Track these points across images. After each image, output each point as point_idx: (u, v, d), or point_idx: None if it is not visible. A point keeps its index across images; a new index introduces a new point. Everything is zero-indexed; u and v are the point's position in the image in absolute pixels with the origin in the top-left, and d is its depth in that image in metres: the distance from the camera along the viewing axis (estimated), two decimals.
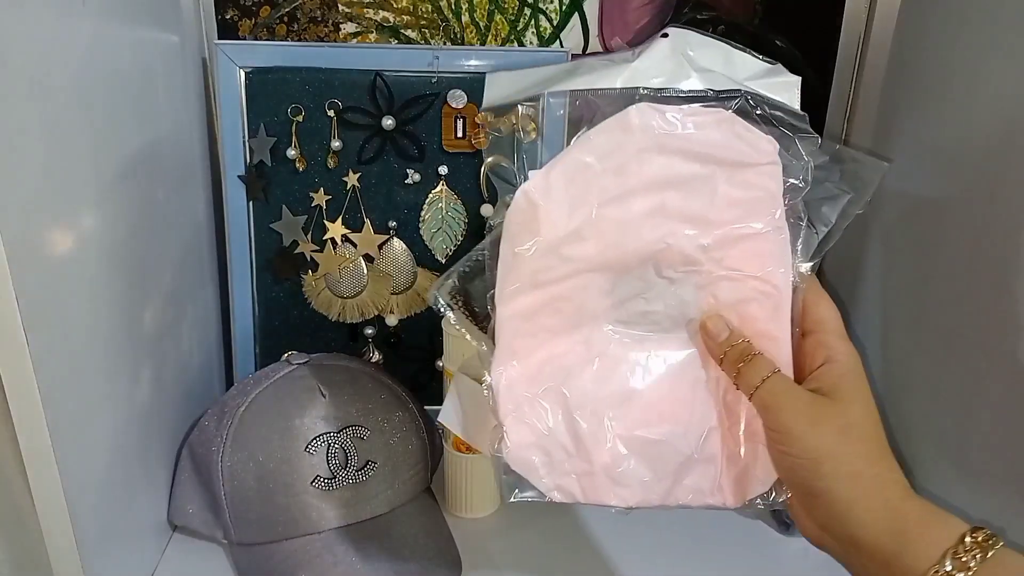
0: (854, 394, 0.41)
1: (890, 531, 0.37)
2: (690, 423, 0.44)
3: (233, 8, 0.73)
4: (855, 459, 0.39)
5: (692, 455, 0.44)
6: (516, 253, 0.43)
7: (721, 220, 0.43)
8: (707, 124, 0.43)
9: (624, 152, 0.42)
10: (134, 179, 0.58)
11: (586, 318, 0.44)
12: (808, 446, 0.39)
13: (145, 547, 0.61)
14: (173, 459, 0.64)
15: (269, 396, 0.62)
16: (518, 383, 0.43)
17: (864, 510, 0.38)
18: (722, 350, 0.43)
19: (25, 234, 0.43)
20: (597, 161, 0.43)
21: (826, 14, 0.76)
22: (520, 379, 0.43)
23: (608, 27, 0.76)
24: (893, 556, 0.37)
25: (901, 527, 0.37)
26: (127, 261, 0.57)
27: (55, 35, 0.47)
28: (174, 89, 0.67)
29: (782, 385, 0.42)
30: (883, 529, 0.38)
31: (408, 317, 0.78)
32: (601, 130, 0.43)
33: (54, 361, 0.46)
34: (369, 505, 0.61)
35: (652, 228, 0.43)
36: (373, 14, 0.75)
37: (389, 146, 0.73)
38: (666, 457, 0.44)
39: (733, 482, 0.45)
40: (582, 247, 0.43)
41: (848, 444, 0.39)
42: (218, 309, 0.78)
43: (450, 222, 0.75)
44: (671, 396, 0.45)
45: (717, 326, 0.44)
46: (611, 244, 0.43)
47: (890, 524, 0.38)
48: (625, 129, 0.43)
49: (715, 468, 0.45)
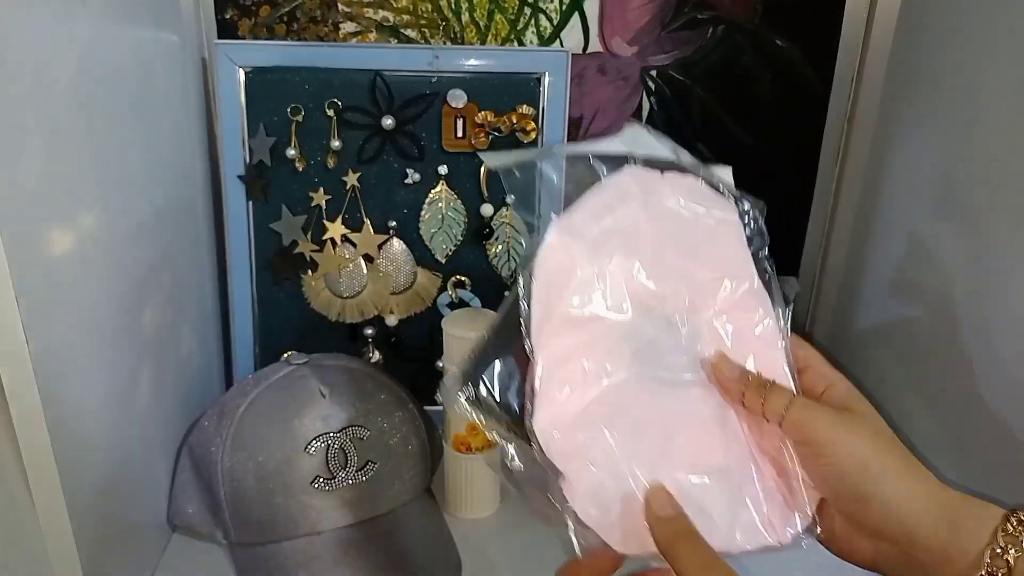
0: (866, 408, 0.43)
1: (943, 520, 0.39)
2: (729, 464, 0.44)
3: (233, 8, 0.73)
4: (894, 459, 0.41)
5: (738, 494, 0.44)
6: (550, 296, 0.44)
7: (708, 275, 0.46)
8: (687, 188, 0.47)
9: (621, 210, 0.46)
10: (134, 179, 0.58)
11: (614, 363, 0.44)
12: (852, 451, 0.41)
13: (145, 547, 0.61)
14: (173, 459, 0.64)
15: (269, 396, 0.62)
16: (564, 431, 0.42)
17: (917, 504, 0.40)
18: (740, 387, 0.44)
19: (25, 234, 0.43)
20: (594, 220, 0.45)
21: (826, 14, 0.76)
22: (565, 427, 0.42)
23: (608, 27, 0.76)
24: (950, 544, 0.39)
25: (951, 515, 0.39)
26: (127, 261, 0.57)
27: (55, 35, 0.47)
28: (174, 89, 0.67)
29: (808, 405, 0.43)
30: (937, 519, 0.39)
31: (408, 317, 0.78)
32: (600, 189, 0.46)
33: (54, 361, 0.46)
34: (369, 505, 0.61)
35: (653, 281, 0.45)
36: (373, 13, 0.75)
37: (389, 146, 0.73)
38: (717, 499, 0.43)
39: (779, 518, 0.45)
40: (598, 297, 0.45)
41: (883, 447, 0.41)
42: (218, 309, 0.78)
43: (450, 222, 0.75)
44: (706, 438, 0.45)
45: (728, 366, 0.45)
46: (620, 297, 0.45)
47: (941, 513, 0.39)
48: (620, 188, 0.46)
49: (762, 505, 0.44)
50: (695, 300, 0.46)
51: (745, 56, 0.77)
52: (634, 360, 0.45)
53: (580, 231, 0.45)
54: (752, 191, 0.82)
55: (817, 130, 0.81)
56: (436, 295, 0.77)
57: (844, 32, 0.77)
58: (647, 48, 0.77)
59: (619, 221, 0.45)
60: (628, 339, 0.45)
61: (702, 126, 0.79)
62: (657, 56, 0.77)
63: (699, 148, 0.80)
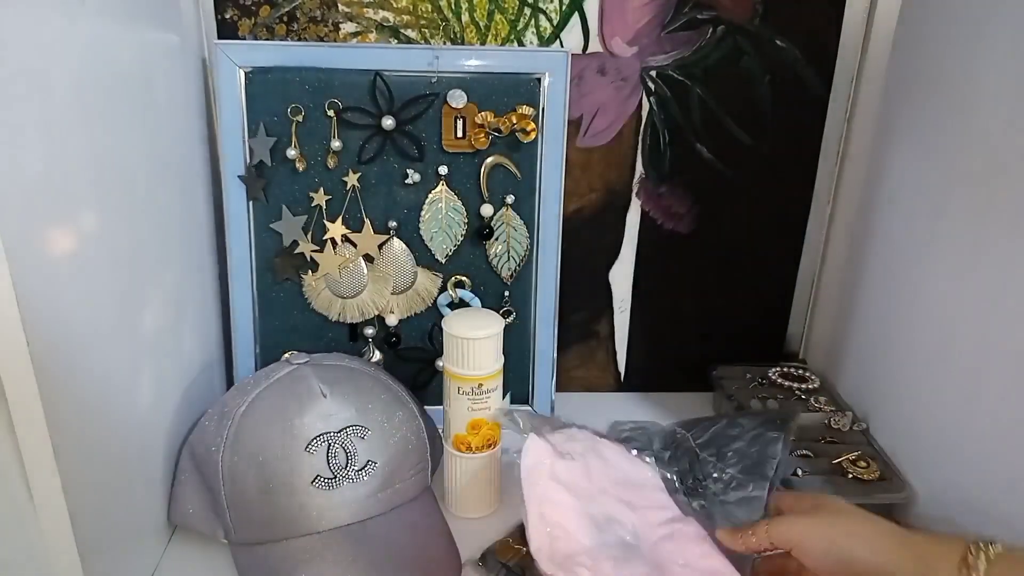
0: (829, 500, 0.55)
1: (917, 561, 0.47)
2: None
3: (233, 8, 0.73)
4: (861, 526, 0.51)
5: None
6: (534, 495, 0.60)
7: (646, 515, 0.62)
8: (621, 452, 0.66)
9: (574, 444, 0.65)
10: (134, 179, 0.58)
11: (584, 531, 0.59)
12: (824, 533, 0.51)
13: (145, 547, 0.61)
14: (173, 459, 0.64)
15: (269, 396, 0.62)
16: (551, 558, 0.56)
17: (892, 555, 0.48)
18: (740, 543, 0.56)
19: (25, 234, 0.43)
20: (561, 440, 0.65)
21: (826, 14, 0.76)
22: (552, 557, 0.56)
23: (608, 27, 0.76)
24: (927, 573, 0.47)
25: (922, 555, 0.47)
26: (127, 261, 0.57)
27: (55, 35, 0.47)
28: (174, 89, 0.67)
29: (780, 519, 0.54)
30: (912, 562, 0.47)
31: (408, 317, 0.78)
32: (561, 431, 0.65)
33: (54, 361, 0.46)
34: (369, 505, 0.61)
35: (608, 507, 0.61)
36: (373, 14, 0.75)
37: (389, 146, 0.73)
38: None
39: None
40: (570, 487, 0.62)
41: (850, 521, 0.51)
42: (219, 309, 0.78)
43: (450, 222, 0.75)
44: None
45: (731, 538, 0.56)
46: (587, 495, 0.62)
47: (913, 555, 0.47)
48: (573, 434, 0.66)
49: None
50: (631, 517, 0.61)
51: (745, 56, 0.77)
52: (598, 532, 0.59)
53: (552, 441, 0.64)
54: (752, 191, 0.83)
55: (817, 130, 0.81)
56: (436, 295, 0.77)
57: (844, 32, 0.77)
58: (647, 48, 0.77)
59: (575, 448, 0.64)
60: (592, 519, 0.59)
61: (702, 126, 0.79)
62: (657, 56, 0.77)
63: (699, 148, 0.80)
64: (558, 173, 0.75)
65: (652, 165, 0.81)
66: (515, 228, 0.76)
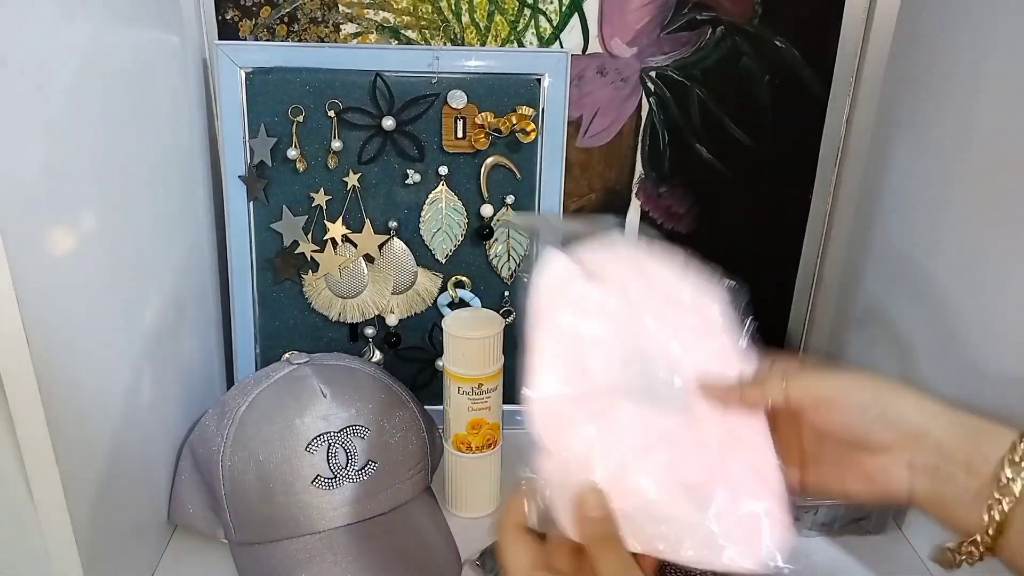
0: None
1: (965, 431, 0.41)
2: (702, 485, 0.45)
3: (233, 9, 0.73)
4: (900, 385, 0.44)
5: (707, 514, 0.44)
6: (549, 297, 0.46)
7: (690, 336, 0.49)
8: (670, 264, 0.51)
9: (613, 264, 0.49)
10: (134, 179, 0.58)
11: (605, 367, 0.46)
12: (863, 383, 0.44)
13: (145, 547, 0.61)
14: (173, 459, 0.65)
15: (269, 396, 0.62)
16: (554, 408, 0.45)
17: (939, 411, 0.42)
18: (735, 390, 0.46)
19: (25, 234, 0.43)
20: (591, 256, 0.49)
21: (826, 14, 0.76)
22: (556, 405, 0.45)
23: (608, 27, 0.76)
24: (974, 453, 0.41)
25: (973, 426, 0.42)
26: (127, 261, 0.57)
27: (55, 35, 0.48)
28: (174, 89, 0.67)
29: (804, 371, 0.45)
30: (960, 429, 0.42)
31: (408, 317, 0.78)
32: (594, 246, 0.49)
33: (54, 361, 0.46)
34: (369, 505, 0.61)
35: (642, 337, 0.48)
36: (373, 15, 0.75)
37: (389, 146, 0.73)
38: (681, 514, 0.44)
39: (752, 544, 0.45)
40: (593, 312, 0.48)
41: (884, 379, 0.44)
42: (218, 309, 0.78)
43: (450, 222, 0.75)
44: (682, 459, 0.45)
45: (718, 379, 0.47)
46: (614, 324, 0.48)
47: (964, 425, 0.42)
48: (613, 245, 0.50)
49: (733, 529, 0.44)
50: (678, 355, 0.48)
51: (744, 57, 0.77)
52: (624, 373, 0.46)
53: (579, 259, 0.48)
54: (752, 191, 0.82)
55: (817, 130, 0.81)
56: (436, 295, 0.77)
57: (844, 32, 0.77)
58: (646, 49, 0.77)
59: (611, 268, 0.49)
60: (621, 357, 0.47)
61: (701, 126, 0.79)
62: (656, 57, 0.77)
63: (698, 148, 0.80)
64: (558, 173, 0.75)
65: (652, 165, 0.81)
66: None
